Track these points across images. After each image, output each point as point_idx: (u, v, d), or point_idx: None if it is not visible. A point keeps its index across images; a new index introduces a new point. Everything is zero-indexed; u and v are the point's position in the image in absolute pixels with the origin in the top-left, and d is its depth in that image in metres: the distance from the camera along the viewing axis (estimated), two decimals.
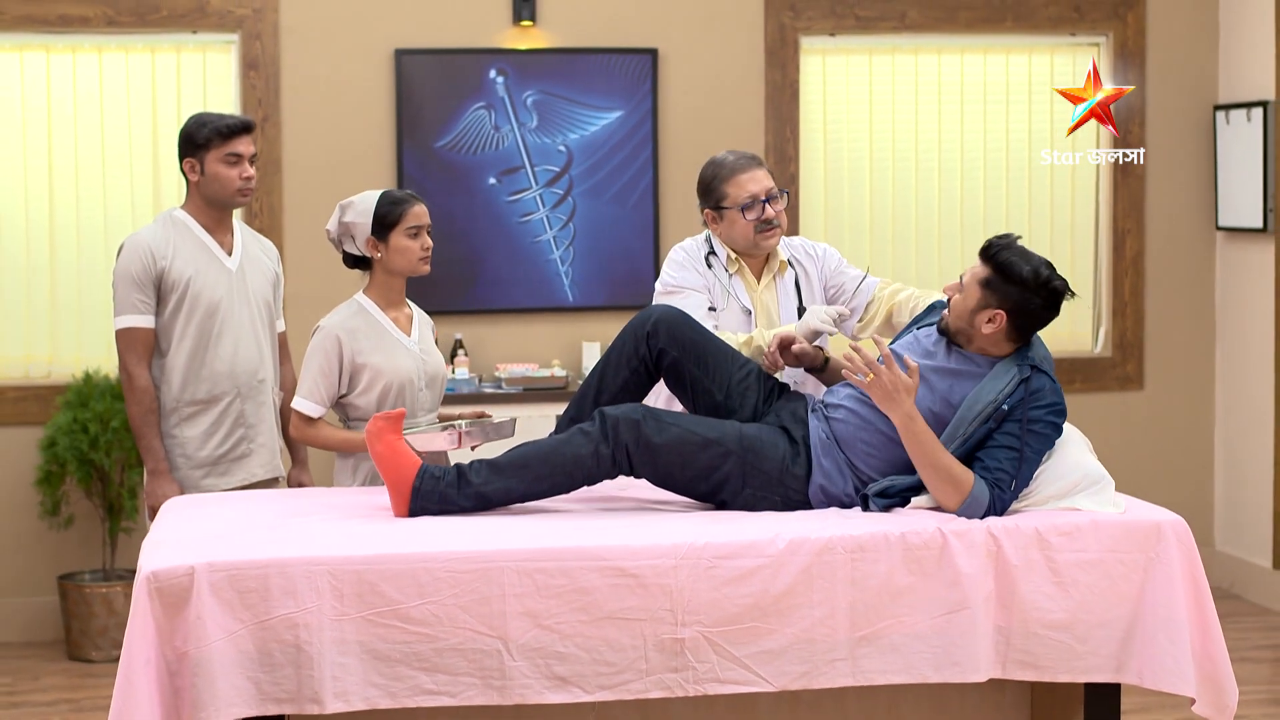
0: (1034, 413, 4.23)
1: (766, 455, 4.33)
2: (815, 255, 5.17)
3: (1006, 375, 4.26)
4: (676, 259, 5.06)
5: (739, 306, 4.97)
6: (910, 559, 4.05)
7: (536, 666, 3.92)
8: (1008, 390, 4.23)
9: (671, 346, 4.52)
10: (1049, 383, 4.28)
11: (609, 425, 4.28)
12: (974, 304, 4.33)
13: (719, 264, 5.03)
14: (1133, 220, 8.15)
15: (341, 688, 3.84)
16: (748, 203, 4.95)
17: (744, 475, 4.32)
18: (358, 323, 4.98)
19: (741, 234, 4.99)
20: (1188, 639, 4.11)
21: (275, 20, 7.52)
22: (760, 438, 4.35)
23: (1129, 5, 8.10)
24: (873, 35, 8.00)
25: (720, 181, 5.00)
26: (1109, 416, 8.13)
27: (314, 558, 3.86)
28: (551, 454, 4.31)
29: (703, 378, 4.53)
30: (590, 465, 4.29)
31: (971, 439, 4.22)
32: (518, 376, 7.49)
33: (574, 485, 4.34)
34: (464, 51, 7.65)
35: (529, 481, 4.30)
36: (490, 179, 7.69)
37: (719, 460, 4.31)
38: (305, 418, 4.96)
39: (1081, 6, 8.08)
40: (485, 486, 4.29)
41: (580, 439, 4.30)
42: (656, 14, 7.82)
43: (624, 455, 4.29)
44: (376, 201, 4.95)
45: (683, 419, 4.36)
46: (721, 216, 5.01)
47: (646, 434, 4.27)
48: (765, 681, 4.01)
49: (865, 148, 8.08)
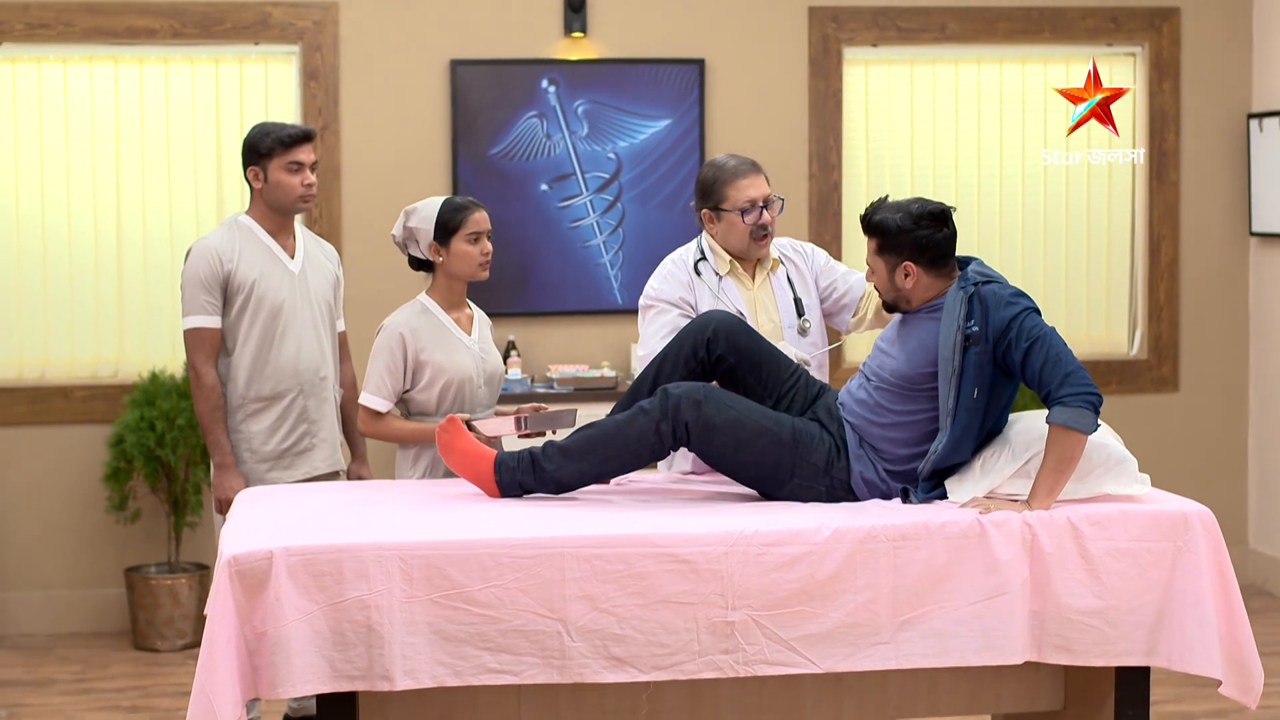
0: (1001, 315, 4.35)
1: (814, 449, 4.52)
2: (804, 253, 5.31)
3: (957, 303, 4.41)
4: (663, 271, 5.18)
5: (732, 309, 5.07)
6: (950, 547, 4.21)
7: (594, 647, 4.08)
8: (964, 314, 4.39)
9: (729, 353, 4.69)
10: (995, 286, 4.43)
11: (671, 402, 4.46)
12: (885, 272, 4.53)
13: (709, 269, 5.14)
14: (1168, 226, 8.27)
15: (410, 666, 4.00)
16: (746, 207, 5.09)
17: (793, 465, 4.50)
18: (421, 322, 5.15)
19: (738, 237, 5.12)
20: (1215, 624, 4.24)
21: (335, 32, 7.69)
22: (809, 432, 4.54)
23: (1164, 16, 8.23)
24: (914, 46, 8.13)
25: (721, 184, 5.12)
26: (1145, 418, 8.25)
27: (384, 543, 4.03)
28: (616, 434, 4.51)
29: (756, 385, 4.70)
30: (653, 441, 4.48)
31: (964, 368, 4.37)
32: (569, 377, 7.63)
33: (641, 463, 4.53)
34: (517, 62, 7.81)
35: (598, 462, 4.51)
36: (542, 185, 7.86)
37: (771, 448, 4.49)
38: (373, 412, 5.13)
39: (1118, 17, 8.21)
40: (559, 472, 4.51)
41: (642, 418, 4.48)
42: (703, 25, 7.96)
43: (683, 430, 4.46)
44: (439, 208, 5.12)
45: (741, 404, 4.52)
46: (719, 218, 5.13)
47: (707, 414, 4.45)
48: (811, 663, 4.17)
49: (907, 156, 8.21)
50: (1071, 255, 8.35)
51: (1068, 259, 8.33)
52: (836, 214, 8.02)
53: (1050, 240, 8.30)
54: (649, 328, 5.09)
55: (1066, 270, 8.32)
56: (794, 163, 7.99)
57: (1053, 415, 4.28)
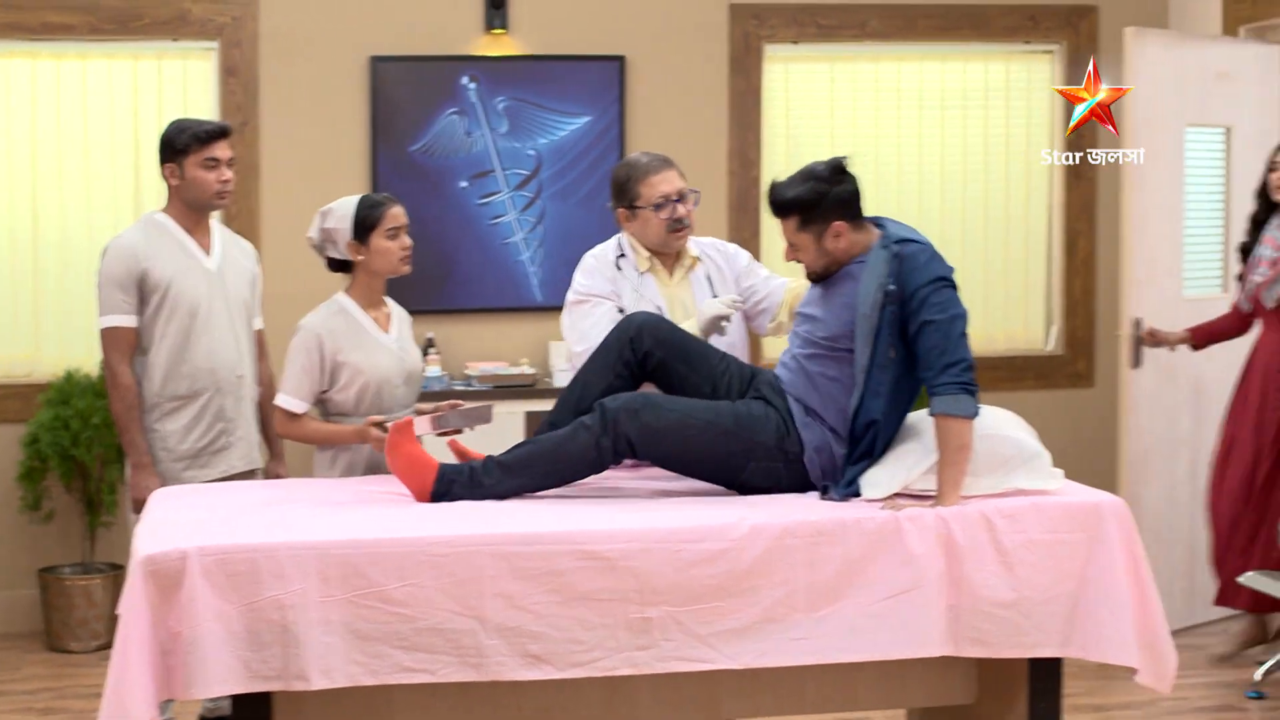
0: (916, 278, 4.40)
1: (760, 428, 4.52)
2: (727, 253, 5.33)
3: (880, 261, 4.45)
4: (586, 265, 5.20)
5: (651, 306, 5.09)
6: (865, 542, 4.23)
7: (511, 645, 4.08)
8: (885, 271, 4.42)
9: (657, 349, 4.69)
10: (916, 246, 4.48)
11: (609, 416, 4.46)
12: (813, 243, 4.54)
13: (629, 265, 5.17)
14: (1084, 222, 8.34)
15: (326, 665, 3.99)
16: (660, 202, 5.11)
17: (745, 452, 4.51)
18: (338, 322, 5.12)
19: (654, 232, 5.14)
20: (1129, 613, 4.29)
21: (254, 28, 7.66)
22: (752, 413, 4.54)
23: (1082, 15, 8.30)
24: (834, 43, 8.17)
25: (634, 181, 5.15)
26: (1060, 413, 8.31)
27: (301, 542, 4.02)
28: (556, 450, 4.51)
29: (690, 374, 4.70)
30: (594, 458, 4.49)
31: (880, 325, 4.41)
32: (488, 374, 7.63)
33: (580, 478, 4.55)
34: (437, 59, 7.80)
35: (538, 478, 4.51)
36: (462, 182, 7.85)
37: (719, 440, 4.50)
38: (289, 414, 5.11)
39: (1036, 15, 8.27)
40: (498, 487, 4.50)
41: (583, 434, 4.48)
42: (624, 22, 7.97)
43: (625, 445, 4.47)
44: (356, 206, 5.10)
45: (679, 403, 4.54)
46: (635, 215, 5.16)
47: (647, 421, 4.46)
48: (728, 659, 4.18)
49: (827, 153, 8.16)
50: (989, 252, 8.41)
51: (986, 256, 8.39)
52: (756, 210, 8.04)
53: (969, 237, 8.36)
54: (585, 321, 5.08)
55: (985, 267, 8.38)
56: (714, 159, 8.01)
57: (933, 407, 4.34)
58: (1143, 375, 7.01)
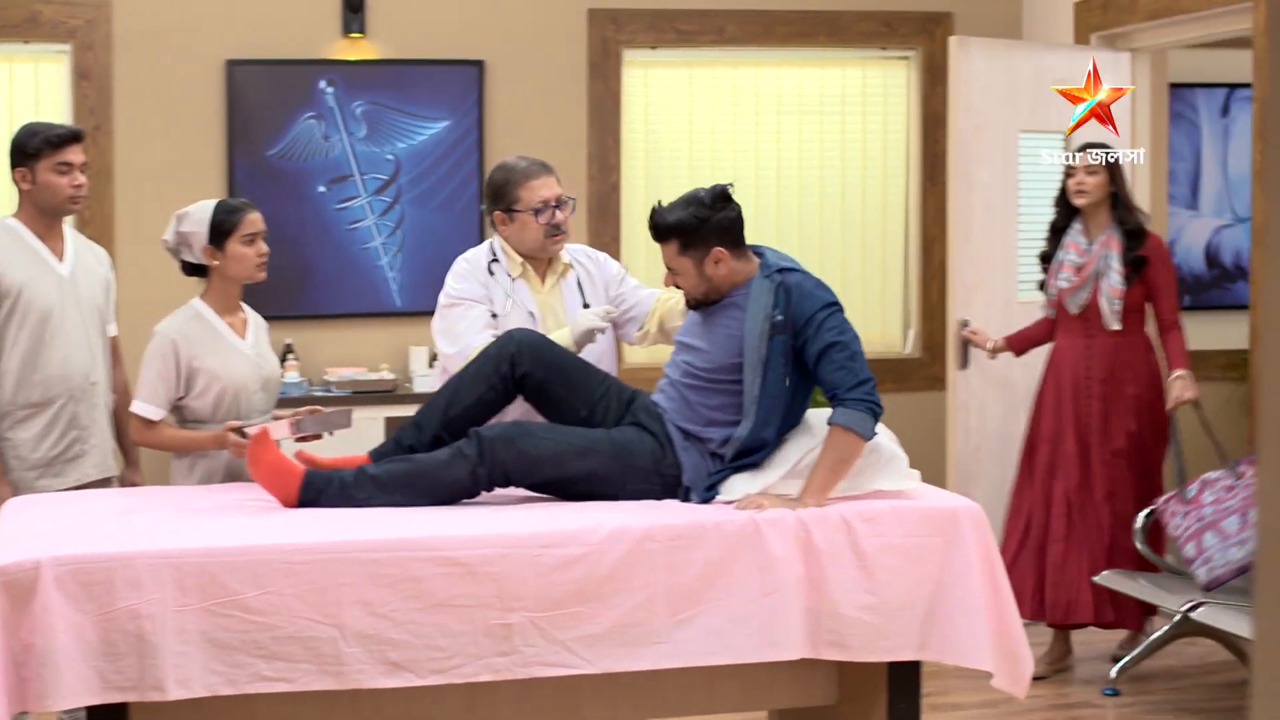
0: (805, 306, 4.45)
1: (637, 452, 4.54)
2: (598, 261, 5.34)
3: (764, 292, 4.49)
4: (459, 270, 5.17)
5: (523, 311, 5.10)
6: (725, 546, 4.26)
7: (371, 653, 4.06)
8: (771, 302, 4.47)
9: (537, 369, 4.68)
10: (799, 275, 4.53)
11: (486, 446, 4.46)
12: (694, 268, 4.56)
13: (501, 270, 5.15)
14: (939, 227, 8.41)
15: (183, 675, 3.95)
16: (539, 207, 5.10)
17: (622, 473, 4.52)
18: (193, 328, 5.07)
19: (532, 237, 5.13)
20: (984, 617, 4.35)
21: (108, 31, 7.57)
22: (628, 437, 4.56)
23: (937, 22, 8.40)
24: (693, 49, 8.20)
25: (513, 185, 5.12)
26: (918, 415, 8.38)
27: (157, 551, 3.98)
28: (432, 473, 4.49)
29: (567, 396, 4.70)
30: (468, 484, 4.49)
31: (769, 355, 4.45)
32: (347, 380, 7.59)
33: (454, 502, 4.53)
34: (294, 62, 7.75)
35: (411, 497, 4.48)
36: (320, 187, 7.80)
37: (596, 465, 4.51)
38: (145, 421, 5.05)
39: (893, 22, 8.36)
40: (370, 502, 4.47)
41: (460, 463, 4.47)
42: (483, 27, 7.95)
43: (501, 473, 4.48)
44: (212, 211, 5.05)
45: (555, 431, 4.56)
46: (512, 219, 5.14)
47: (524, 449, 4.46)
48: (588, 663, 4.19)
49: (685, 158, 8.27)
50: (848, 256, 8.48)
51: (844, 260, 8.46)
52: (616, 215, 8.06)
53: (827, 242, 8.43)
54: (459, 324, 5.04)
55: (843, 271, 8.45)
56: (573, 164, 8.02)
57: (835, 416, 4.36)
58: (970, 377, 7.12)
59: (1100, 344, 6.53)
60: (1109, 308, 6.46)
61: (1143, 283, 6.48)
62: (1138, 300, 6.50)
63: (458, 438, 4.58)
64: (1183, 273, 8.95)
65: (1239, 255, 9.02)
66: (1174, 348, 6.48)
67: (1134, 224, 6.52)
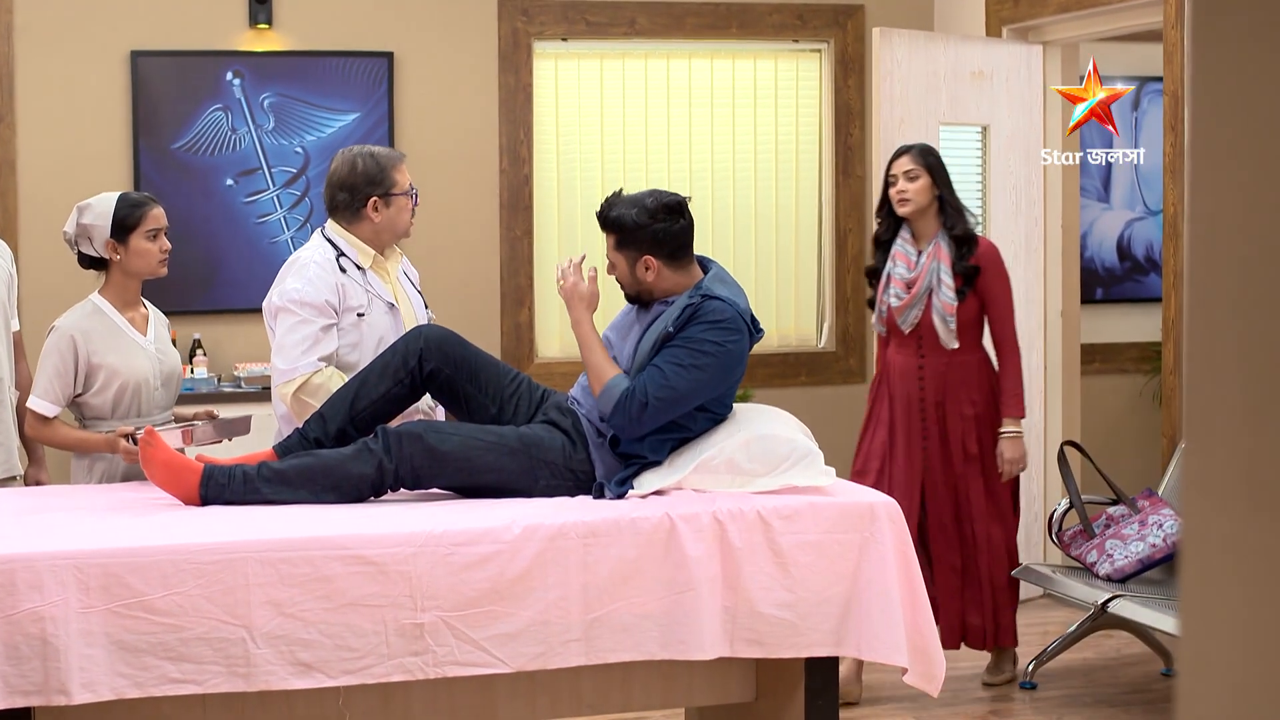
0: (693, 330, 4.45)
1: (547, 447, 4.50)
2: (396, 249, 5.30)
3: (679, 307, 4.50)
4: (308, 273, 4.96)
5: (383, 304, 5.03)
6: (640, 543, 4.22)
7: (281, 653, 3.99)
8: (675, 316, 4.47)
9: (445, 365, 4.64)
10: (720, 304, 4.49)
11: (392, 441, 4.40)
12: (626, 267, 4.59)
13: (350, 264, 5.03)
14: (853, 220, 8.44)
15: (88, 678, 3.87)
16: (410, 189, 5.10)
17: (533, 468, 4.48)
18: (93, 323, 5.00)
19: (404, 221, 5.10)
20: (900, 614, 4.33)
21: (9, 20, 7.45)
22: (537, 433, 4.53)
23: (849, 14, 8.40)
24: (604, 40, 8.17)
25: (388, 170, 5.06)
26: (833, 408, 8.38)
27: (59, 551, 3.90)
28: (338, 468, 4.42)
29: (476, 393, 4.67)
30: (375, 480, 4.43)
31: (648, 365, 4.47)
32: (256, 375, 7.50)
33: (359, 499, 4.45)
34: (200, 54, 7.65)
35: (317, 493, 4.41)
36: (228, 180, 7.71)
37: (505, 460, 4.45)
38: (41, 417, 4.98)
39: (804, 14, 8.35)
40: (275, 497, 4.39)
41: (366, 458, 4.41)
42: (392, 18, 7.89)
43: (409, 470, 4.41)
44: (115, 204, 4.98)
45: (463, 428, 4.51)
46: (389, 203, 5.06)
47: (432, 444, 4.40)
48: (502, 663, 4.14)
49: (597, 150, 8.24)
50: (761, 249, 8.47)
51: (758, 253, 8.45)
52: (528, 208, 8.01)
53: (740, 234, 8.41)
54: (290, 336, 4.89)
55: (757, 264, 8.43)
56: (485, 156, 7.96)
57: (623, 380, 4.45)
58: None
59: (933, 364, 6.10)
60: (944, 326, 6.02)
61: (976, 295, 6.05)
62: (974, 313, 6.06)
63: (364, 433, 4.52)
64: (1095, 265, 8.99)
65: (1150, 248, 9.07)
66: (1008, 384, 6.07)
67: (962, 230, 6.04)
